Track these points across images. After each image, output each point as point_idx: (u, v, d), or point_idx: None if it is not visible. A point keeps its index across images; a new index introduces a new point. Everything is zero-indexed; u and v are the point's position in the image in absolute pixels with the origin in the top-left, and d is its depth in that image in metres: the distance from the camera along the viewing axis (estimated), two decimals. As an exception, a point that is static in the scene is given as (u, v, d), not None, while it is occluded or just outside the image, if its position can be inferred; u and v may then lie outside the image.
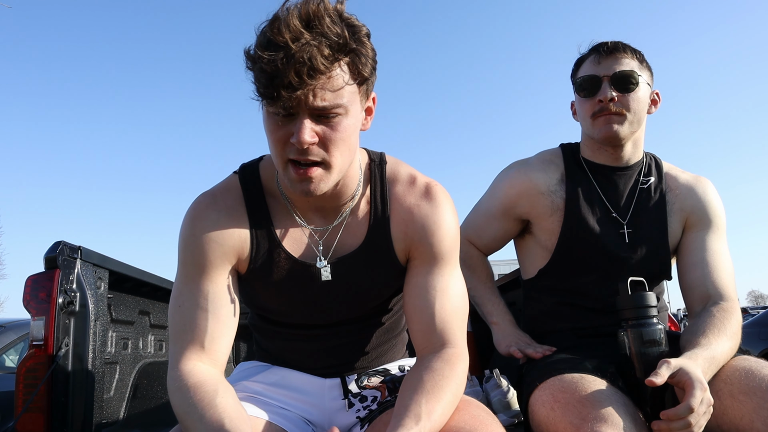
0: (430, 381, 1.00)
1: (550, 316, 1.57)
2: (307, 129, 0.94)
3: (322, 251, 1.13)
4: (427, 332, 1.10)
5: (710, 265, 1.46)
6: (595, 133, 1.47)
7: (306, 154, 0.96)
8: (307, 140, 0.94)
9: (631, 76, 1.43)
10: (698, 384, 1.09)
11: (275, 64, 0.88)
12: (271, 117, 0.97)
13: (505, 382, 1.81)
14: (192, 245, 1.08)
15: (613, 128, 1.44)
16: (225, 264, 1.09)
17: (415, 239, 1.13)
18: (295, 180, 0.99)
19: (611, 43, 1.47)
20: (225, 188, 1.15)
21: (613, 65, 1.44)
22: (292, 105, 0.92)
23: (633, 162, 1.54)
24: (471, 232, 1.67)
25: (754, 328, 7.14)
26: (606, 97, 1.42)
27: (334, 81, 0.93)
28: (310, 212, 1.14)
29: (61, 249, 1.64)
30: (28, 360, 1.58)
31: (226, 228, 1.09)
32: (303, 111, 0.94)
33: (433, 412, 0.95)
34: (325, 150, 0.97)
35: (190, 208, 1.13)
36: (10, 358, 4.25)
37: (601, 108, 1.45)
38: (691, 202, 1.54)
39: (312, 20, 0.90)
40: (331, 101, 0.94)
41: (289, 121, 0.95)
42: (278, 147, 0.98)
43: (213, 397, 0.96)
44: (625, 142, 1.49)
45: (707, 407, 1.10)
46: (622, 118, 1.44)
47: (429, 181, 1.18)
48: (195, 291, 1.07)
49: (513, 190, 1.56)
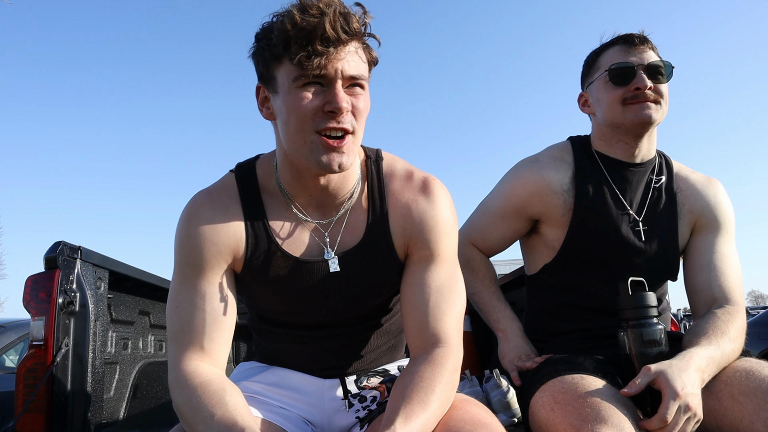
0: (411, 386, 0.99)
1: (551, 315, 1.56)
2: (342, 94, 0.99)
3: (329, 243, 1.13)
4: (421, 329, 1.09)
5: (717, 269, 1.45)
6: (627, 118, 1.45)
7: (341, 121, 0.99)
8: (344, 105, 0.98)
9: (663, 68, 1.44)
10: (671, 393, 1.10)
11: (314, 20, 0.94)
12: (299, 89, 0.99)
13: (505, 382, 1.80)
14: (187, 244, 1.09)
15: (648, 112, 1.43)
16: (221, 263, 1.09)
17: (413, 235, 1.13)
18: (326, 151, 1.00)
19: (641, 34, 1.48)
20: (221, 186, 1.16)
21: (644, 55, 1.45)
22: (326, 71, 0.97)
23: (647, 159, 1.52)
24: (475, 234, 1.64)
25: (754, 328, 7.13)
26: (645, 85, 1.42)
27: (360, 53, 1.02)
28: (310, 208, 1.13)
29: (61, 249, 1.64)
30: (28, 360, 1.58)
31: (222, 226, 1.10)
32: (337, 78, 0.98)
33: (414, 419, 0.93)
34: (355, 118, 1.02)
35: (186, 206, 1.13)
36: (10, 358, 4.25)
37: (636, 95, 1.43)
38: (701, 204, 1.51)
39: (335, 3, 0.99)
40: (360, 71, 1.01)
41: (321, 92, 0.99)
42: (306, 119, 0.99)
43: (222, 396, 0.96)
44: (651, 130, 1.48)
45: (689, 413, 1.11)
46: (658, 105, 1.44)
47: (426, 176, 1.17)
48: (191, 291, 1.07)
49: (525, 190, 1.53)
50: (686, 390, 1.12)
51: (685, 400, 1.11)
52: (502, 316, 1.58)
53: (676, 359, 1.20)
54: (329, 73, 0.98)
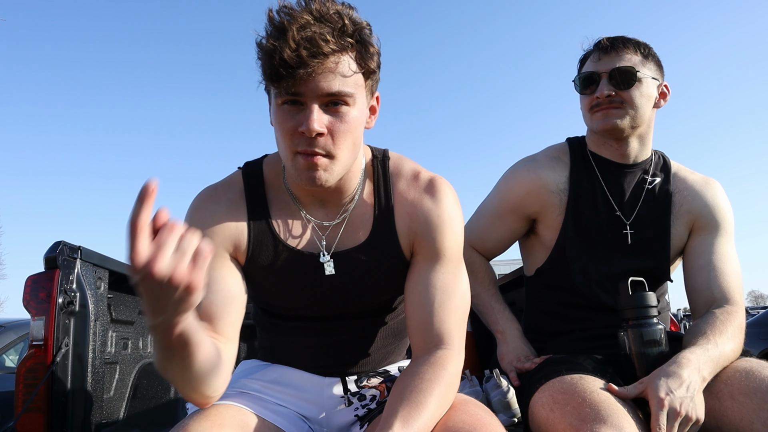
0: (411, 387, 0.99)
1: (550, 315, 1.57)
2: (316, 116, 0.95)
3: (325, 246, 1.13)
4: (424, 330, 1.09)
5: (717, 269, 1.45)
6: (594, 126, 1.48)
7: (313, 145, 0.97)
8: (316, 128, 0.94)
9: (630, 72, 1.43)
10: (656, 403, 1.12)
11: (277, 43, 0.90)
12: (280, 107, 0.98)
13: (505, 382, 1.80)
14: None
15: (612, 121, 1.44)
16: (222, 252, 1.10)
17: (418, 234, 1.12)
18: (302, 168, 0.99)
19: (609, 39, 1.48)
20: (227, 183, 1.17)
21: (612, 61, 1.45)
22: (299, 89, 0.94)
23: (640, 160, 1.52)
24: (474, 236, 1.64)
25: (754, 328, 7.14)
26: (602, 94, 1.44)
27: (341, 67, 0.95)
28: (314, 208, 1.14)
29: (61, 249, 1.64)
30: (28, 360, 1.58)
31: (224, 219, 1.11)
32: (312, 98, 0.95)
33: (412, 420, 0.93)
34: (332, 142, 0.98)
35: (193, 201, 1.15)
36: (10, 358, 4.25)
37: (598, 102, 1.45)
38: (699, 204, 1.51)
39: (317, 10, 0.94)
40: (339, 88, 0.95)
41: (298, 111, 0.97)
42: (286, 138, 0.98)
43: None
44: (628, 136, 1.48)
45: (678, 418, 1.11)
46: (622, 110, 1.44)
47: (433, 175, 1.17)
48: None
49: (522, 188, 1.54)
50: (672, 395, 1.12)
51: (671, 406, 1.11)
52: (501, 318, 1.58)
53: (670, 363, 1.20)
54: (303, 92, 0.95)
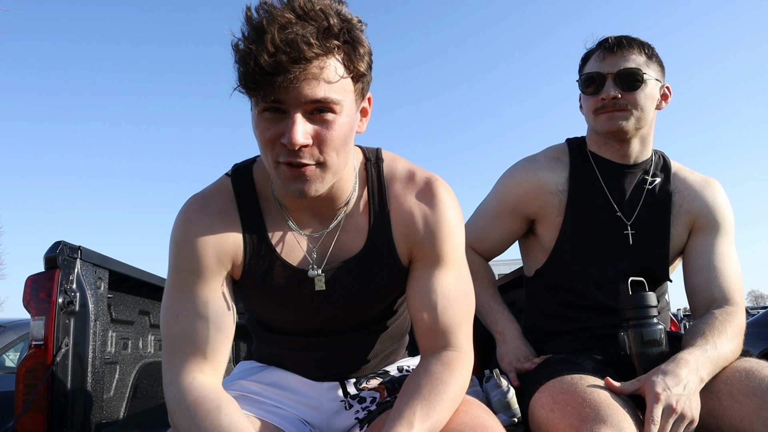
0: (428, 386, 0.99)
1: (550, 316, 1.57)
2: (299, 127, 0.86)
3: (316, 259, 1.07)
4: (431, 335, 1.07)
5: (717, 269, 1.44)
6: (598, 127, 1.47)
7: (298, 156, 0.89)
8: (299, 140, 0.86)
9: (636, 74, 1.41)
10: (652, 398, 1.11)
11: (253, 46, 0.82)
12: (260, 114, 0.89)
13: (505, 382, 1.80)
14: (186, 250, 1.03)
15: (618, 123, 1.42)
16: (221, 269, 1.04)
17: (417, 241, 1.07)
18: (289, 179, 0.92)
19: (615, 39, 1.45)
20: (217, 191, 1.10)
21: (618, 62, 1.43)
22: (280, 96, 0.85)
23: (641, 160, 1.52)
24: (473, 236, 1.63)
25: (754, 328, 7.14)
26: (608, 96, 1.42)
27: (326, 72, 0.87)
28: (305, 217, 1.08)
29: (61, 249, 1.64)
30: (28, 360, 1.58)
31: (220, 232, 1.04)
32: (294, 106, 0.87)
33: (428, 418, 0.93)
34: (320, 151, 0.90)
35: (181, 211, 1.07)
36: (10, 358, 4.25)
37: (603, 105, 1.44)
38: (699, 204, 1.51)
39: (300, 6, 0.85)
40: (324, 94, 0.86)
41: (280, 119, 0.88)
42: (268, 149, 0.91)
43: (216, 415, 0.93)
44: (631, 138, 1.47)
45: (674, 415, 1.10)
46: (627, 113, 1.42)
47: (429, 176, 1.11)
48: (192, 299, 1.02)
49: (521, 189, 1.53)
50: (669, 392, 1.12)
51: (667, 402, 1.11)
52: (500, 318, 1.58)
53: (668, 362, 1.20)
54: (284, 100, 0.86)
